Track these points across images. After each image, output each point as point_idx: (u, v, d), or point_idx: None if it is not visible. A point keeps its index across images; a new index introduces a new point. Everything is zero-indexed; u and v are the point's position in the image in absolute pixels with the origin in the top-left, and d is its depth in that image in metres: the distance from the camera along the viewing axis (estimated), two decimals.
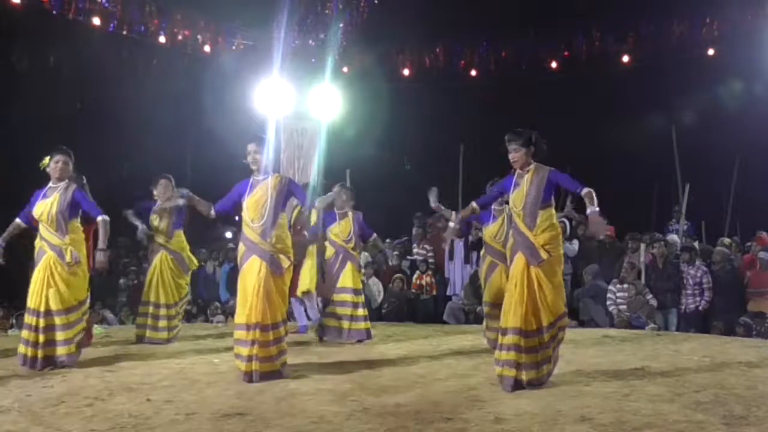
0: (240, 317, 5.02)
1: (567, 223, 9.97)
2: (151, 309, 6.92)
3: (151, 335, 6.87)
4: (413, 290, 10.40)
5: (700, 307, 9.36)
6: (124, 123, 12.83)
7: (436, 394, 4.56)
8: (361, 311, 7.00)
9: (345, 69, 13.86)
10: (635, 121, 13.25)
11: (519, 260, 4.79)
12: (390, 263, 10.78)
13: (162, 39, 13.19)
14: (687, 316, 9.37)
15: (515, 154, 4.85)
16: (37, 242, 5.61)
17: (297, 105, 11.84)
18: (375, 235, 7.34)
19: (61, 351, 5.45)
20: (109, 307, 10.74)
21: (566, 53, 14.88)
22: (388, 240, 11.63)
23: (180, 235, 7.08)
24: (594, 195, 4.62)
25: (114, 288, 11.04)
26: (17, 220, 5.80)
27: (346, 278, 7.01)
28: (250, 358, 4.91)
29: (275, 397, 4.46)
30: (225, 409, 4.17)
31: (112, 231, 5.65)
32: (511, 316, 4.68)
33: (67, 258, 5.43)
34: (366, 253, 11.36)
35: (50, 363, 5.44)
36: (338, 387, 4.75)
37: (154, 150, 12.26)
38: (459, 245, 10.79)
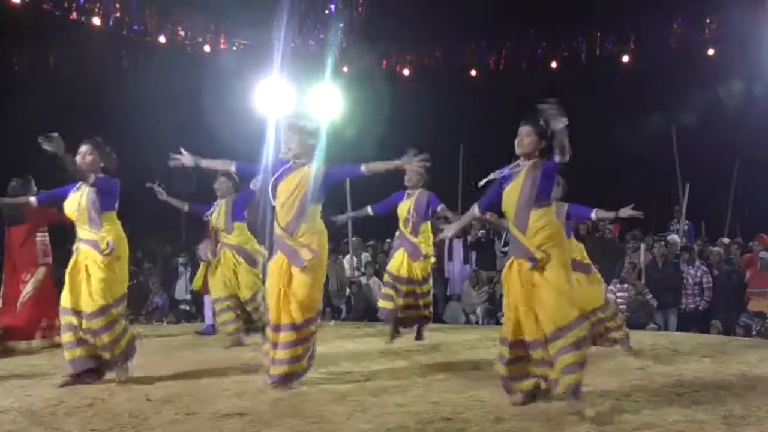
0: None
1: None
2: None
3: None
4: None
5: (700, 307, 9.37)
6: (124, 123, 12.84)
7: (436, 394, 4.55)
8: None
9: (345, 69, 13.87)
10: (635, 121, 13.25)
11: (512, 266, 4.29)
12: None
13: (162, 39, 13.20)
14: (687, 316, 9.37)
15: (525, 138, 4.28)
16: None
17: (297, 105, 11.84)
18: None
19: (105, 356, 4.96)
20: None
21: (566, 53, 14.89)
22: (388, 240, 11.63)
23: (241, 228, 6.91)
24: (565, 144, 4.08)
25: None
26: (31, 198, 5.52)
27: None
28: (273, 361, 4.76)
29: (275, 397, 4.45)
30: (225, 409, 4.17)
31: None
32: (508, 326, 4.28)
33: (102, 246, 4.94)
34: (366, 253, 11.38)
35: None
36: (338, 387, 4.75)
37: (154, 150, 12.28)
38: (458, 245, 10.79)
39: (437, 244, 10.58)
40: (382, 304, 6.78)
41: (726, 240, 10.81)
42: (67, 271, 5.03)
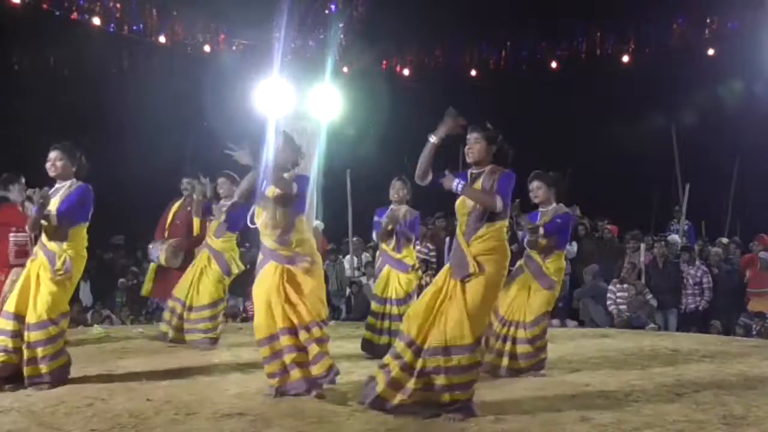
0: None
1: None
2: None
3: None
4: None
5: (700, 307, 9.37)
6: (124, 123, 12.84)
7: None
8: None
9: (345, 69, 13.85)
10: (635, 121, 13.25)
11: (444, 271, 4.18)
12: None
13: (162, 39, 13.20)
14: (687, 316, 9.38)
15: (474, 145, 4.19)
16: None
17: (297, 105, 11.83)
18: None
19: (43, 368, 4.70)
20: (108, 307, 10.74)
21: (566, 53, 14.88)
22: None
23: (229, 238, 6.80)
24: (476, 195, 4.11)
25: (113, 288, 11.04)
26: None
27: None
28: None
29: (275, 397, 4.45)
30: (225, 409, 4.17)
31: (109, 232, 5.57)
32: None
33: (58, 265, 4.69)
34: (366, 253, 11.38)
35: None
36: (338, 387, 4.74)
37: (154, 150, 12.27)
38: None
39: (437, 244, 10.65)
40: (368, 336, 6.25)
41: (725, 240, 10.82)
42: (23, 275, 4.83)
